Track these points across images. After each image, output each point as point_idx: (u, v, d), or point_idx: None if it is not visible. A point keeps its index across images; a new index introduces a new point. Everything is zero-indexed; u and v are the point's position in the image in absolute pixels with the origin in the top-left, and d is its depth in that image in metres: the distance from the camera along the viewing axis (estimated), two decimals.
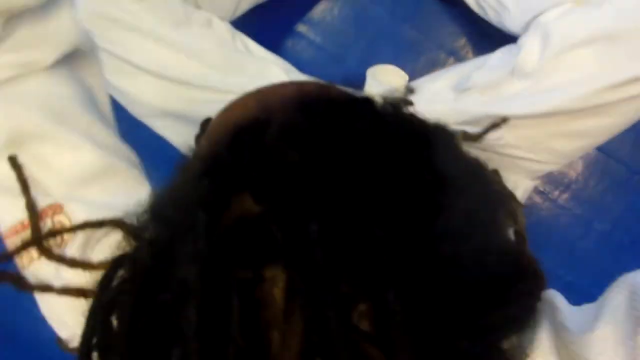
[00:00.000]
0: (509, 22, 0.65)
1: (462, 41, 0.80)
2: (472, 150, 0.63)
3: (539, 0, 0.58)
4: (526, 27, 0.62)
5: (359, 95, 0.29)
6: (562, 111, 0.57)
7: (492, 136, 0.60)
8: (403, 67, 0.74)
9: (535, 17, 0.59)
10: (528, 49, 0.58)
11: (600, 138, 0.61)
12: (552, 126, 0.59)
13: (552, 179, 0.84)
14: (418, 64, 0.81)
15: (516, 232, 0.33)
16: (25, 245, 0.33)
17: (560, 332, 0.32)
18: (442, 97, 0.66)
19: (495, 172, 0.41)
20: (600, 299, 0.33)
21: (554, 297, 0.38)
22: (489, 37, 0.71)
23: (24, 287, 0.36)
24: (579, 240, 0.83)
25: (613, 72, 0.53)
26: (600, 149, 0.82)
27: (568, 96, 0.56)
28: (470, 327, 0.23)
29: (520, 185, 0.67)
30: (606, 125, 0.59)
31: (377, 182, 0.22)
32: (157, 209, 0.26)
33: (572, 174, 0.83)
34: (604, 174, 0.82)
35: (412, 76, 0.72)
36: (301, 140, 0.23)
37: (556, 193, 0.83)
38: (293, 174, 0.22)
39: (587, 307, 0.34)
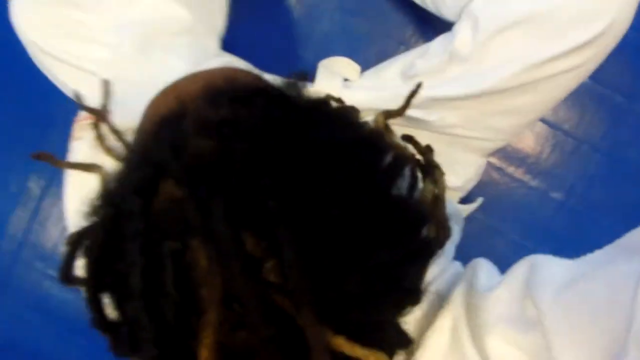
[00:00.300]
0: (445, 11, 0.70)
1: (410, 30, 0.84)
2: (422, 132, 0.67)
3: None
4: (459, 15, 0.66)
5: (261, 83, 0.33)
6: (495, 90, 0.61)
7: (432, 116, 0.64)
8: (355, 59, 0.77)
9: (466, 5, 0.63)
10: (461, 36, 0.63)
11: (534, 114, 0.66)
12: (488, 105, 0.63)
13: (506, 155, 0.88)
14: (370, 55, 0.85)
15: (436, 196, 0.36)
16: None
17: (471, 291, 0.39)
18: (391, 84, 0.70)
19: (428, 148, 0.45)
20: (508, 271, 0.39)
21: (478, 263, 0.43)
22: (434, 25, 0.75)
23: (57, 165, 0.47)
24: (537, 211, 0.87)
25: (536, 51, 0.58)
26: (549, 123, 0.87)
27: (498, 76, 0.60)
28: (359, 266, 0.27)
29: (472, 162, 0.71)
30: (536, 102, 0.63)
31: (267, 154, 0.27)
32: (106, 195, 0.30)
33: (525, 149, 0.88)
34: (555, 146, 0.87)
35: (365, 66, 0.75)
36: (208, 130, 0.28)
37: (512, 168, 0.88)
38: (204, 160, 0.27)
39: (499, 276, 0.40)
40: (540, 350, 0.33)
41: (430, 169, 0.39)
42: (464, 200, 0.77)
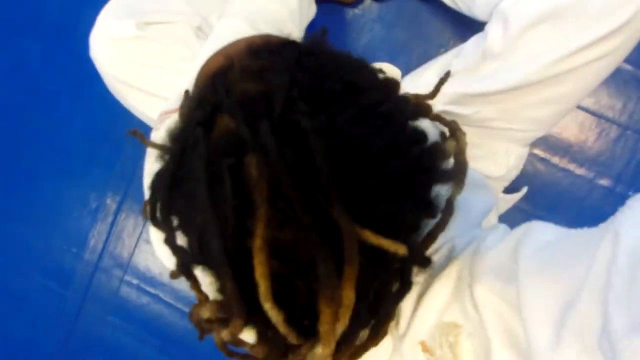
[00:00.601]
0: (477, 12, 0.73)
1: (447, 33, 0.88)
2: (462, 126, 0.71)
3: None
4: (491, 14, 0.70)
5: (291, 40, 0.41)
6: (527, 83, 0.63)
7: (468, 110, 0.68)
8: (397, 66, 0.82)
9: (496, 5, 0.66)
10: (492, 34, 0.66)
11: (570, 103, 0.68)
12: (523, 97, 0.65)
13: (551, 146, 0.90)
14: (411, 60, 0.89)
15: (456, 155, 0.41)
16: None
17: (479, 247, 0.44)
18: (429, 83, 0.75)
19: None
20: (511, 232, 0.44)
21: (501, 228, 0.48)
22: (470, 26, 0.79)
23: (145, 142, 0.53)
24: (585, 200, 0.88)
25: (564, 44, 0.60)
26: (592, 112, 0.88)
27: (530, 69, 0.62)
28: (378, 170, 0.34)
29: (512, 151, 0.73)
30: (571, 91, 0.65)
31: (298, 87, 0.34)
32: (171, 135, 0.38)
33: (570, 138, 0.89)
34: (599, 134, 0.88)
35: (406, 72, 0.80)
36: (251, 75, 0.36)
37: (556, 158, 0.89)
38: (250, 96, 0.34)
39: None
40: (515, 301, 0.37)
41: (452, 128, 0.44)
42: (509, 190, 0.80)
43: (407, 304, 0.45)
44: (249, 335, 0.42)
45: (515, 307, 0.37)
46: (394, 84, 0.41)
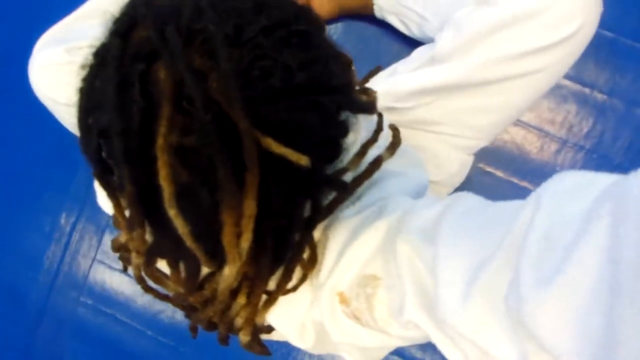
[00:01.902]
0: (430, 31, 0.75)
1: (396, 52, 0.90)
2: (404, 129, 0.73)
3: (451, 8, 0.69)
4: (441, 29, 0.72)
5: None
6: (467, 82, 0.66)
7: (410, 104, 0.70)
8: None
9: (448, 19, 0.69)
10: (442, 40, 0.68)
11: (509, 113, 0.71)
12: (462, 101, 0.68)
13: (495, 158, 0.93)
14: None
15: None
16: None
17: (411, 208, 0.46)
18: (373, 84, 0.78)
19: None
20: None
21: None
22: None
23: None
24: None
25: (509, 47, 0.64)
26: (534, 126, 0.92)
27: (471, 66, 0.65)
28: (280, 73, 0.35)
29: (455, 158, 0.76)
30: (510, 101, 0.68)
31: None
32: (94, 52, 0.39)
33: (513, 151, 0.92)
34: (541, 147, 0.92)
35: None
36: None
37: (500, 171, 0.93)
38: (161, 9, 0.35)
39: None
40: (431, 260, 0.38)
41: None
42: None
43: (330, 253, 0.45)
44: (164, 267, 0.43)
45: (430, 266, 0.38)
46: (308, 11, 0.41)
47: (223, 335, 0.47)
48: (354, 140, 0.47)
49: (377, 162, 0.47)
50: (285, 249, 0.42)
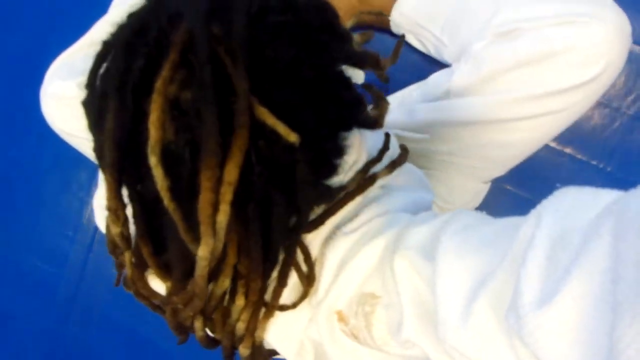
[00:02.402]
0: (447, 55, 0.74)
1: (412, 71, 0.87)
2: (420, 159, 0.71)
3: (468, 36, 0.68)
4: (460, 58, 0.70)
5: None
6: (487, 120, 0.65)
7: (431, 144, 0.70)
8: None
9: (465, 47, 0.67)
10: (460, 73, 0.67)
11: (527, 149, 0.70)
12: (478, 135, 0.67)
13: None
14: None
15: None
16: None
17: (408, 224, 0.45)
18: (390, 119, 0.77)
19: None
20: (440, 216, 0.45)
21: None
22: (436, 66, 0.79)
23: None
24: None
25: (531, 87, 0.62)
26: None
27: (493, 106, 0.64)
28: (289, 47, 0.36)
29: (470, 187, 0.76)
30: (528, 138, 0.67)
31: None
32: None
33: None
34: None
35: None
36: None
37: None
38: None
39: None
40: (431, 277, 0.38)
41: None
42: None
43: (327, 271, 0.45)
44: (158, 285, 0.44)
45: (429, 284, 0.38)
46: (333, 15, 0.41)
47: (227, 349, 0.47)
48: (357, 159, 0.48)
49: (371, 179, 0.47)
50: (275, 247, 0.41)
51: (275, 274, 0.44)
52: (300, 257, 0.45)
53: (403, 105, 0.75)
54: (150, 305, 0.48)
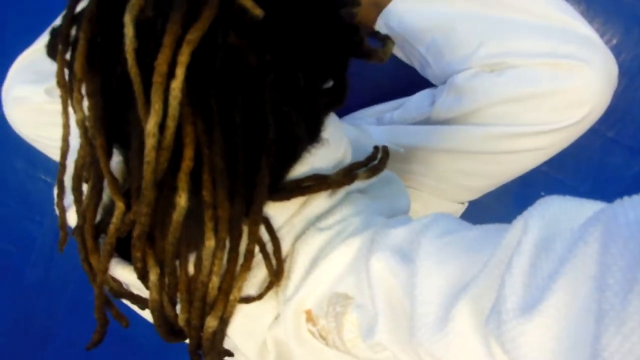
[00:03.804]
0: (430, 75, 0.73)
1: (391, 84, 0.86)
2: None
3: (452, 63, 0.66)
4: (443, 81, 0.69)
5: None
6: (464, 150, 0.65)
7: (408, 165, 0.69)
8: None
9: (449, 75, 0.66)
10: (442, 102, 0.66)
11: (500, 180, 0.71)
12: (460, 164, 0.68)
13: None
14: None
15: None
16: None
17: (383, 226, 0.44)
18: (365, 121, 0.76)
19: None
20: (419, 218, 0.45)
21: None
22: (416, 81, 0.77)
23: None
24: None
25: (510, 125, 0.61)
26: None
27: (471, 138, 0.64)
28: None
29: (445, 207, 0.76)
30: (504, 171, 0.68)
31: None
32: None
33: None
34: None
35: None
36: None
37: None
38: None
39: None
40: (407, 280, 0.37)
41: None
42: None
43: (298, 268, 0.44)
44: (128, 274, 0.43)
45: (406, 287, 0.37)
46: None
47: (195, 329, 0.43)
48: (342, 159, 0.48)
49: (351, 176, 0.46)
50: (242, 163, 0.38)
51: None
52: (270, 249, 0.44)
53: (381, 124, 0.74)
54: (108, 285, 0.46)
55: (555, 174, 0.88)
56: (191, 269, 0.42)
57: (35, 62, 0.67)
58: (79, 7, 0.38)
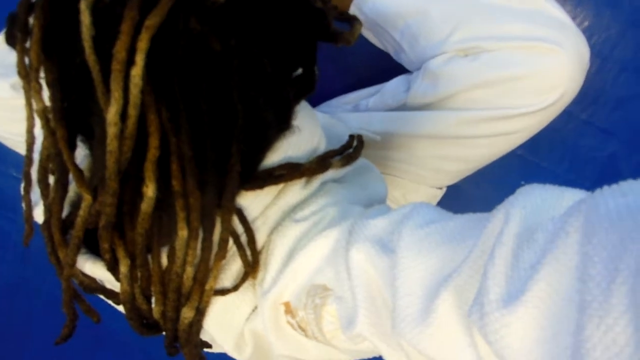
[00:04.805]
0: (405, 61, 0.73)
1: (367, 69, 0.85)
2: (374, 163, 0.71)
3: (427, 49, 0.66)
4: (417, 67, 0.68)
5: None
6: (441, 135, 0.65)
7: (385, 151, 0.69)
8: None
9: (424, 61, 0.66)
10: (417, 88, 0.66)
11: (476, 164, 0.71)
12: (432, 148, 0.68)
13: None
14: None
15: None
16: None
17: (361, 216, 0.44)
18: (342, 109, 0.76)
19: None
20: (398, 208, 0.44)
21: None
22: (391, 66, 0.77)
23: None
24: None
25: (484, 109, 0.61)
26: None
27: (448, 122, 0.64)
28: None
29: (424, 192, 0.76)
30: (478, 155, 0.68)
31: None
32: None
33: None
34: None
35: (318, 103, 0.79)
36: None
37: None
38: None
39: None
40: (388, 271, 0.37)
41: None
42: None
43: (275, 260, 0.44)
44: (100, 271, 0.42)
45: (387, 278, 0.37)
46: None
47: (170, 321, 0.42)
48: (317, 147, 0.47)
49: (325, 164, 0.45)
50: (208, 149, 0.37)
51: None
52: (245, 240, 0.43)
53: (358, 111, 0.73)
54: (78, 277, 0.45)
55: (531, 158, 0.89)
56: (164, 261, 0.41)
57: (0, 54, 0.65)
58: None
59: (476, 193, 0.90)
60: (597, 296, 0.24)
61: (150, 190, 0.36)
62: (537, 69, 0.57)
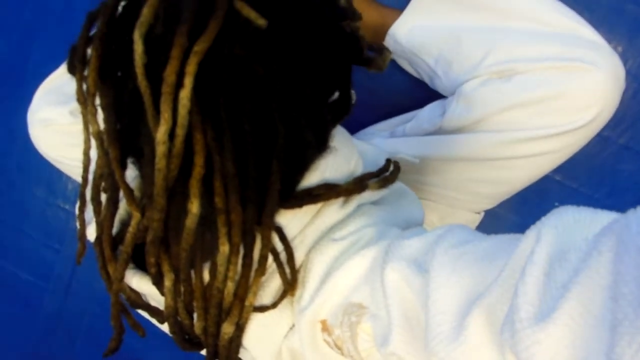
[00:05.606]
0: (440, 87, 0.74)
1: (404, 97, 0.87)
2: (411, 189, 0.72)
3: (461, 73, 0.67)
4: (452, 91, 0.70)
5: None
6: (476, 157, 0.65)
7: (421, 175, 0.69)
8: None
9: (458, 85, 0.67)
10: (452, 112, 0.67)
11: (515, 187, 0.70)
12: (468, 171, 0.68)
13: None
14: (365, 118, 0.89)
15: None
16: None
17: (398, 237, 0.45)
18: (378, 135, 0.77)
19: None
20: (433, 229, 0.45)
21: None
22: (427, 93, 0.78)
23: None
24: None
25: (520, 130, 0.62)
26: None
27: (475, 142, 0.64)
28: None
29: (461, 216, 0.76)
30: (517, 176, 0.68)
31: None
32: None
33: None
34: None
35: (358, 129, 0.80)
36: None
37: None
38: None
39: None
40: (422, 290, 0.38)
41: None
42: None
43: (313, 278, 0.45)
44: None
45: (421, 297, 0.38)
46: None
47: (211, 336, 0.43)
48: (354, 171, 0.48)
49: (362, 186, 0.46)
50: (251, 168, 0.39)
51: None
52: (284, 258, 0.45)
53: (394, 137, 0.75)
54: (125, 293, 0.47)
55: (569, 183, 0.87)
56: (206, 277, 0.42)
57: (57, 85, 0.70)
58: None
59: (514, 219, 0.89)
60: (628, 314, 0.24)
61: (194, 207, 0.37)
62: (572, 88, 0.57)
